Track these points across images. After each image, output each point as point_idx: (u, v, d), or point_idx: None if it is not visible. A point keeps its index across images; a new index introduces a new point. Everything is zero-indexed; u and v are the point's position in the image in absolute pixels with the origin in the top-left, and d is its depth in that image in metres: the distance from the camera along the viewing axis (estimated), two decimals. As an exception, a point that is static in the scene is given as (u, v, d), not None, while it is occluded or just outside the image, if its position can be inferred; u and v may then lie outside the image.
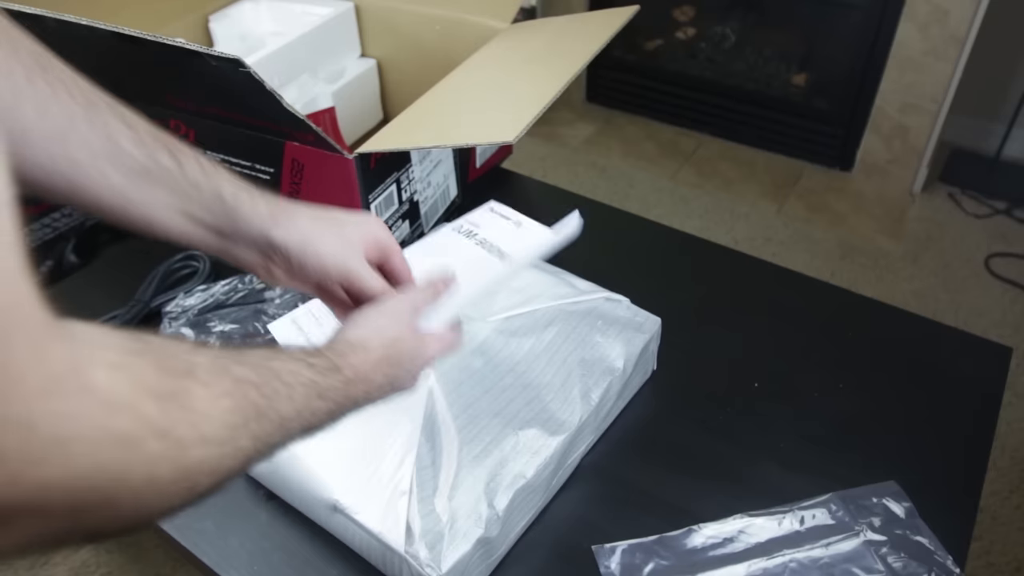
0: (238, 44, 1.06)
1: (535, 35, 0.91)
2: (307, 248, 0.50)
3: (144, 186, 0.46)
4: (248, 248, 0.50)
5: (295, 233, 0.50)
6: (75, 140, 0.44)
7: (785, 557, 0.61)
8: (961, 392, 0.76)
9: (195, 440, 0.31)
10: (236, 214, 0.49)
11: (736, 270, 0.91)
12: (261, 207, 0.50)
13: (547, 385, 0.68)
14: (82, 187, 0.45)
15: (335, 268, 0.51)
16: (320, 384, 0.41)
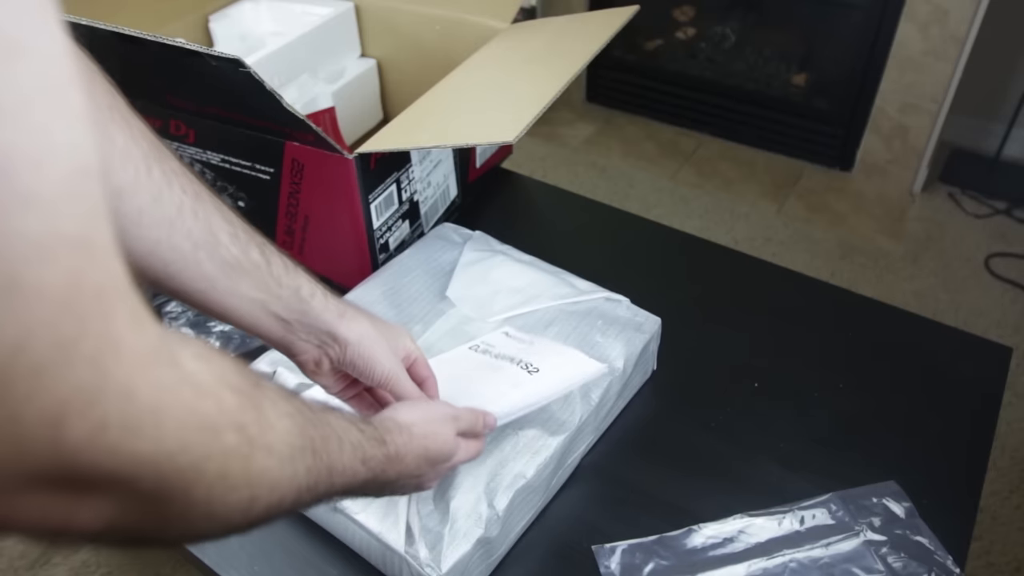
0: (238, 44, 1.06)
1: (535, 35, 0.91)
2: (363, 348, 0.55)
3: (233, 277, 0.50)
4: (308, 339, 0.55)
5: (356, 332, 0.55)
6: (181, 229, 0.47)
7: (785, 557, 0.61)
8: (961, 392, 0.76)
9: (263, 445, 0.32)
10: (308, 307, 0.53)
11: (736, 270, 0.91)
12: (331, 304, 0.55)
13: (547, 385, 0.68)
14: (176, 272, 0.48)
15: (382, 369, 0.56)
16: (366, 450, 0.43)
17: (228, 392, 0.30)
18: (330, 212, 0.80)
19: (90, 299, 0.23)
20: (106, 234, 0.24)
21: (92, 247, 0.23)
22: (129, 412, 0.25)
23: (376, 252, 0.83)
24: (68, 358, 0.23)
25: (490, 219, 0.94)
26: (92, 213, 0.23)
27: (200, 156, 0.83)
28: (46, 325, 0.22)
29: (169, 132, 0.82)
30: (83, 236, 0.23)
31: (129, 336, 0.25)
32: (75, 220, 0.23)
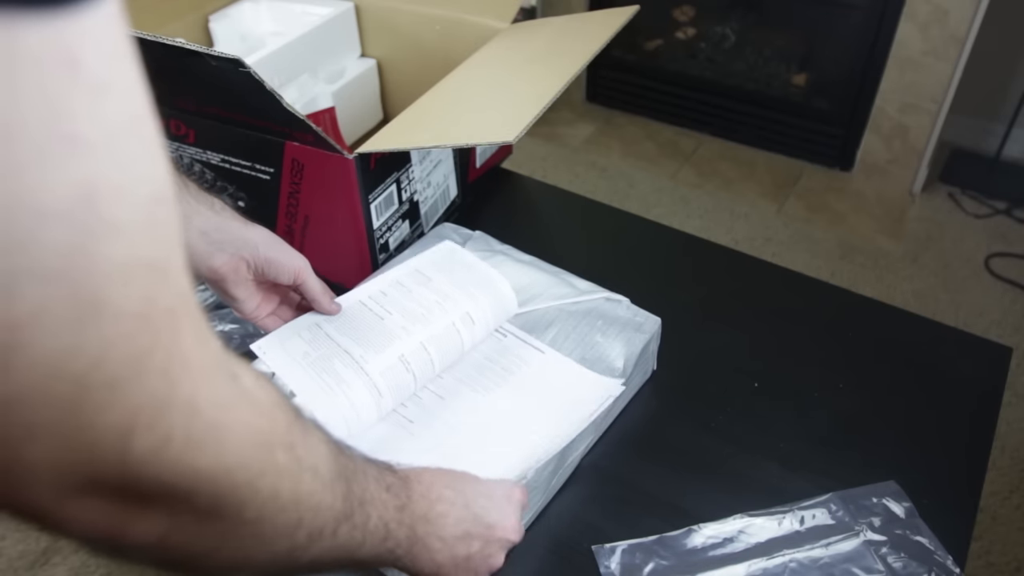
0: (238, 44, 1.06)
1: (535, 35, 0.91)
2: (271, 246, 0.63)
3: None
4: (224, 248, 0.61)
5: (263, 234, 0.63)
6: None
7: (785, 557, 0.61)
8: (961, 392, 0.76)
9: (309, 466, 0.33)
10: (222, 218, 0.61)
11: (736, 270, 0.91)
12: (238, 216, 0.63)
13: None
14: None
15: (293, 263, 0.64)
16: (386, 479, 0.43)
17: (280, 412, 0.32)
18: (330, 212, 0.80)
19: (162, 317, 0.25)
20: (178, 257, 0.26)
21: (166, 269, 0.25)
22: (193, 426, 0.26)
23: (376, 252, 0.83)
24: (140, 371, 0.24)
25: (490, 219, 0.94)
26: (167, 238, 0.25)
27: (200, 156, 0.83)
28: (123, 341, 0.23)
29: (169, 132, 0.82)
30: (159, 259, 0.25)
31: (195, 352, 0.26)
32: (152, 245, 0.24)
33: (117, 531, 0.27)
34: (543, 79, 0.75)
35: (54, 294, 0.21)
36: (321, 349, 0.65)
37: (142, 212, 0.24)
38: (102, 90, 0.22)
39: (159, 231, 0.25)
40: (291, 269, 0.64)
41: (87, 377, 0.23)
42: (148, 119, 0.24)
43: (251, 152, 0.79)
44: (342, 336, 0.67)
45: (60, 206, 0.21)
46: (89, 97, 0.21)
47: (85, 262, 0.22)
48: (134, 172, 0.23)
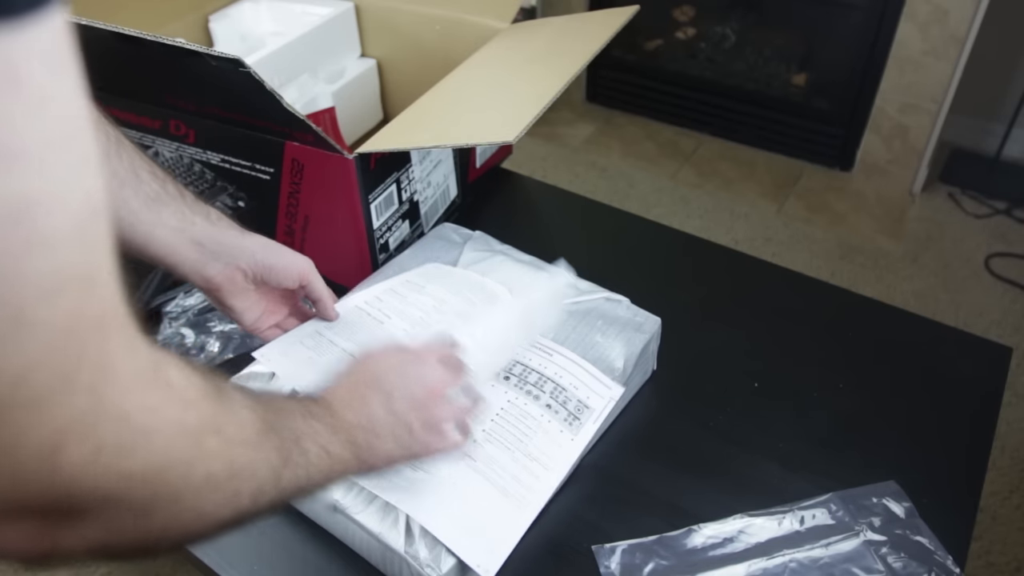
0: (238, 44, 1.06)
1: (535, 35, 0.91)
2: (270, 251, 0.63)
3: (155, 209, 0.57)
4: (219, 258, 0.61)
5: (260, 241, 0.63)
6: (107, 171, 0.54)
7: (785, 557, 0.61)
8: (961, 392, 0.76)
9: (239, 441, 0.34)
10: (217, 228, 0.61)
11: (736, 270, 0.91)
12: (235, 225, 0.63)
13: (547, 385, 0.68)
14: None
15: (297, 266, 0.64)
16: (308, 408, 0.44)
17: (206, 401, 0.32)
18: (330, 212, 0.80)
19: (89, 329, 0.24)
20: (108, 267, 0.25)
21: (94, 281, 0.25)
22: (123, 434, 0.26)
23: (376, 252, 0.83)
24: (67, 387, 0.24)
25: (490, 219, 0.94)
26: (97, 249, 0.25)
27: (200, 156, 0.83)
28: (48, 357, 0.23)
29: (169, 132, 0.82)
30: (88, 272, 0.24)
31: (123, 361, 0.26)
32: (82, 258, 0.24)
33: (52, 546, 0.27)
34: (543, 79, 0.75)
35: None
36: (325, 355, 0.66)
37: (75, 224, 0.23)
38: (43, 104, 0.22)
39: (89, 243, 0.24)
40: (294, 272, 0.64)
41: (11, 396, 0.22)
42: (86, 131, 0.24)
43: (251, 152, 0.79)
44: (345, 341, 0.67)
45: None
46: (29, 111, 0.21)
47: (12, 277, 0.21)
48: (68, 185, 0.23)
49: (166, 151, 0.84)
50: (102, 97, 0.87)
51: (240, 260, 0.61)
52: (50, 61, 0.22)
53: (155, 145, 0.85)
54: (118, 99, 0.82)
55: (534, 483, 0.61)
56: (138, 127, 0.84)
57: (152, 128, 0.83)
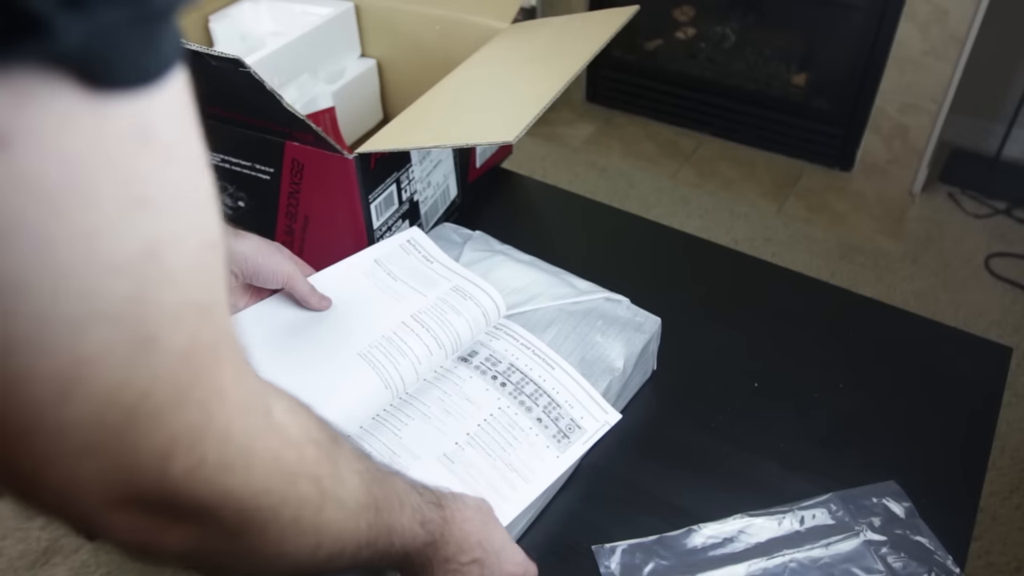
0: (238, 44, 1.06)
1: (535, 35, 0.91)
2: (261, 256, 0.65)
3: None
4: None
5: (251, 245, 0.65)
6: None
7: (785, 557, 0.61)
8: (961, 392, 0.76)
9: (333, 498, 0.35)
10: None
11: (736, 270, 0.91)
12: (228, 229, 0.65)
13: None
14: None
15: (283, 270, 0.66)
16: (424, 514, 0.45)
17: (310, 446, 0.34)
18: (330, 212, 0.80)
19: (205, 354, 0.27)
20: (223, 297, 0.29)
21: (211, 310, 0.28)
22: (225, 452, 0.29)
23: (376, 252, 0.83)
24: (182, 403, 0.27)
25: (490, 219, 0.94)
26: (214, 280, 0.28)
27: (200, 156, 0.83)
28: (169, 376, 0.26)
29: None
30: (206, 301, 0.27)
31: (232, 386, 0.29)
32: (201, 288, 0.27)
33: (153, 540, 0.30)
34: (543, 79, 0.75)
35: (115, 336, 0.24)
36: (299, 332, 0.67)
37: (194, 259, 0.26)
38: (169, 157, 0.25)
39: (207, 275, 0.27)
40: (279, 277, 0.67)
41: (135, 407, 0.25)
42: (205, 175, 0.27)
43: (251, 152, 0.79)
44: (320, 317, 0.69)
45: (127, 261, 0.24)
46: (158, 164, 0.24)
47: (144, 307, 0.25)
48: (190, 225, 0.26)
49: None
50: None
51: (231, 264, 0.65)
52: (175, 119, 0.25)
53: (155, 145, 0.85)
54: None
55: (510, 494, 0.60)
56: (138, 127, 0.84)
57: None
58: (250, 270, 0.65)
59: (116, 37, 0.22)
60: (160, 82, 0.24)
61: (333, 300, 0.70)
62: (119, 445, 0.26)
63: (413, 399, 0.65)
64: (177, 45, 0.24)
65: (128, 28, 0.22)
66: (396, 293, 0.72)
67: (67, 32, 0.20)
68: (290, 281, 0.67)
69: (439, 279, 0.74)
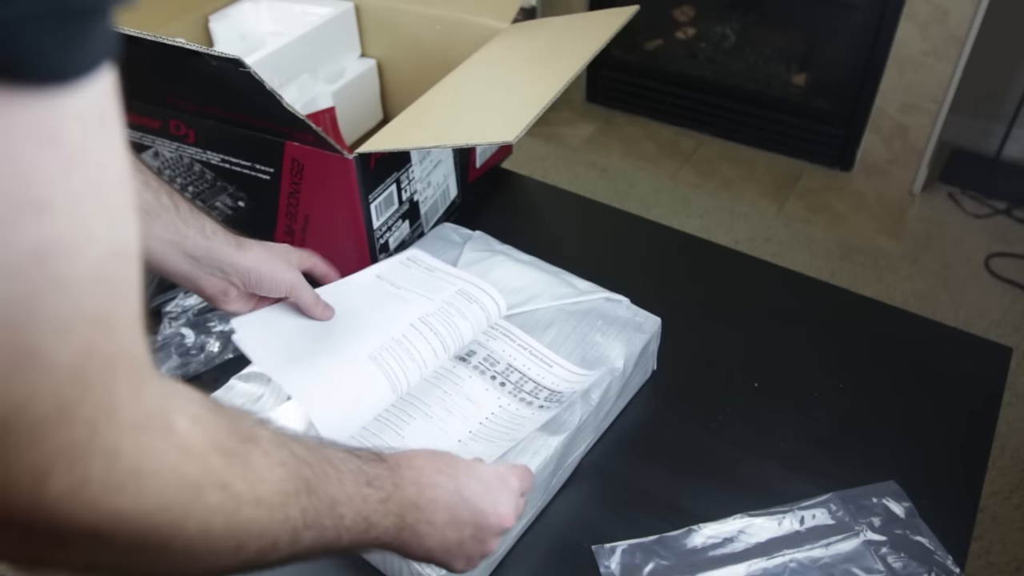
0: (238, 44, 1.06)
1: (535, 35, 0.91)
2: (263, 270, 0.65)
3: (147, 220, 0.57)
4: (213, 273, 0.63)
5: (254, 258, 0.65)
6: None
7: (785, 557, 0.61)
8: (961, 392, 0.76)
9: (249, 499, 0.34)
10: (212, 243, 0.62)
11: (736, 270, 0.91)
12: (231, 239, 0.64)
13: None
14: None
15: (285, 282, 0.66)
16: (367, 472, 0.43)
17: (215, 454, 0.32)
18: (330, 212, 0.80)
19: (98, 370, 0.26)
20: (130, 310, 0.27)
21: (112, 324, 0.26)
22: (113, 472, 0.27)
23: (376, 252, 0.82)
24: (64, 419, 0.25)
25: (490, 219, 0.94)
26: (119, 293, 0.26)
27: (200, 156, 0.83)
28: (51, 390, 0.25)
29: (169, 132, 0.82)
30: (104, 315, 0.26)
31: (126, 403, 0.27)
32: (100, 301, 0.25)
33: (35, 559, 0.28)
34: (543, 79, 0.75)
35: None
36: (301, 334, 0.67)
37: (95, 269, 0.25)
38: (74, 161, 0.23)
39: (109, 287, 0.26)
40: (283, 288, 0.67)
41: (8, 421, 0.24)
42: (120, 184, 0.26)
43: (251, 152, 0.80)
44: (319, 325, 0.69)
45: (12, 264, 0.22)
46: (61, 167, 0.23)
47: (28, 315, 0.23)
48: (94, 233, 0.25)
49: (166, 151, 0.84)
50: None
51: (233, 276, 0.64)
52: (90, 121, 0.24)
53: (155, 145, 0.85)
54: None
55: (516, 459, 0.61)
56: (138, 127, 0.84)
57: (152, 128, 0.83)
58: (252, 282, 0.65)
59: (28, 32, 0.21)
60: (77, 83, 0.23)
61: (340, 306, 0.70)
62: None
63: (414, 399, 0.65)
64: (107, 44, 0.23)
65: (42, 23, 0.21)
66: (402, 299, 0.72)
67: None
68: (294, 292, 0.67)
69: (443, 284, 0.74)
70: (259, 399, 0.66)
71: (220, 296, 0.65)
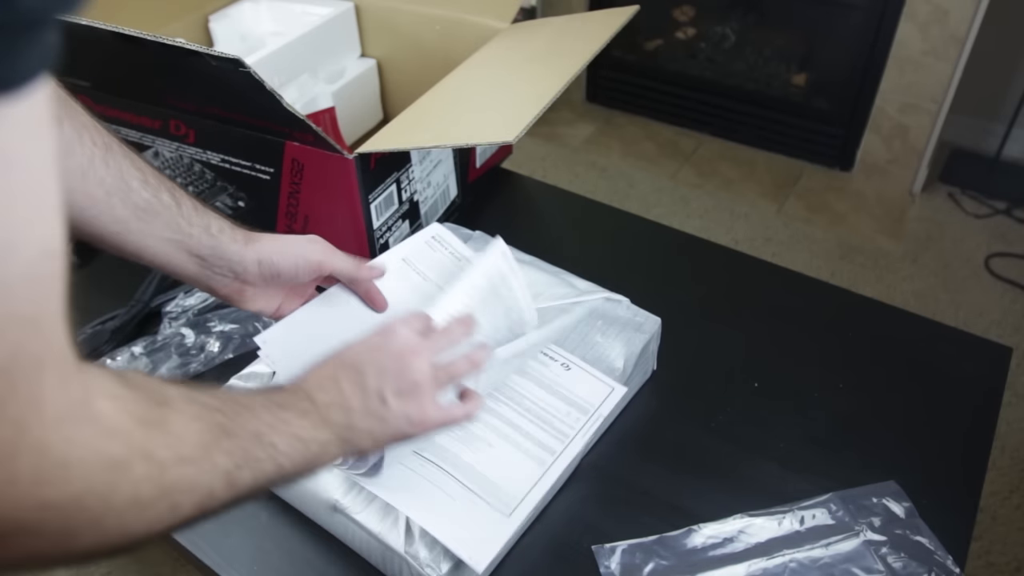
0: (238, 44, 1.06)
1: (535, 35, 0.91)
2: (276, 255, 0.61)
3: (146, 219, 0.55)
4: (222, 272, 0.60)
5: (265, 249, 0.60)
6: (93, 178, 0.52)
7: (785, 557, 0.61)
8: (961, 392, 0.76)
9: (173, 460, 0.34)
10: (218, 241, 0.59)
11: (736, 270, 0.91)
12: (239, 235, 0.60)
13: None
14: (92, 218, 0.53)
15: (310, 260, 0.61)
16: (275, 399, 0.44)
17: (136, 426, 0.33)
18: (330, 212, 0.80)
19: (25, 368, 0.26)
20: (55, 308, 0.27)
21: (39, 322, 0.26)
22: (41, 466, 0.27)
23: (376, 252, 0.83)
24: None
25: (490, 219, 0.94)
26: (47, 292, 0.27)
27: (200, 156, 0.83)
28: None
29: (169, 132, 0.82)
30: (33, 314, 0.26)
31: (52, 397, 0.28)
32: (29, 301, 0.26)
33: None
34: (543, 79, 0.75)
35: None
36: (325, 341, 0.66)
37: (27, 269, 0.25)
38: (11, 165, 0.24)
39: (39, 287, 0.26)
40: (310, 267, 0.62)
41: None
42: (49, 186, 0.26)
43: (251, 152, 0.80)
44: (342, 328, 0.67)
45: None
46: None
47: None
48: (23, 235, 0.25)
49: (166, 151, 0.84)
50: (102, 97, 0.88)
51: (244, 275, 0.60)
52: (22, 129, 0.24)
53: (155, 145, 0.85)
54: (118, 99, 0.82)
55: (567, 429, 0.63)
56: (138, 127, 0.84)
57: (152, 128, 0.83)
58: (266, 273, 0.61)
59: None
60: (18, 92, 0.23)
61: None
62: None
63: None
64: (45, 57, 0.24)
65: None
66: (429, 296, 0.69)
67: None
68: (323, 266, 0.62)
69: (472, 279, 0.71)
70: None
71: (236, 296, 0.62)
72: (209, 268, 0.59)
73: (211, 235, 0.58)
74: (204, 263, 0.59)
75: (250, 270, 0.60)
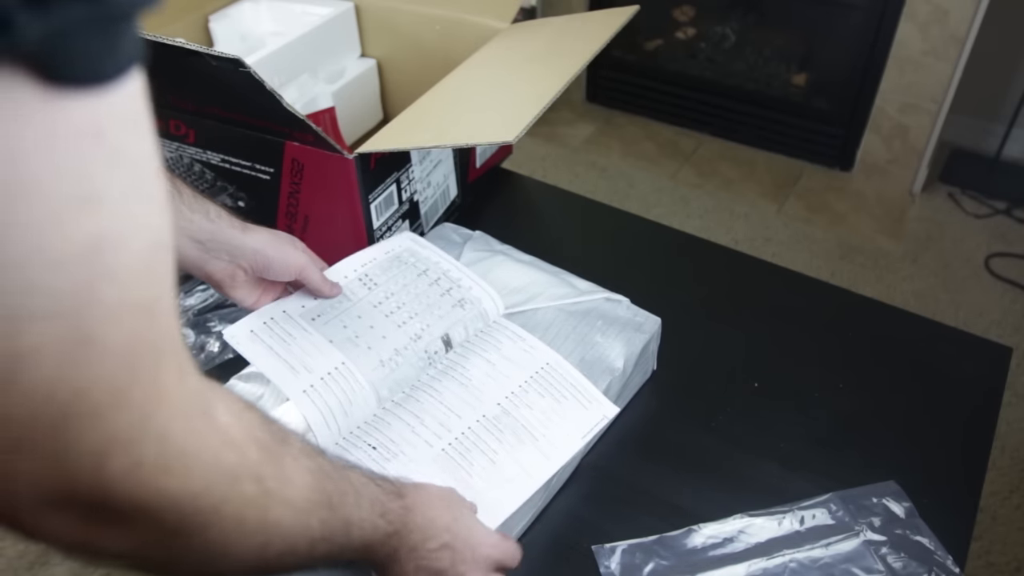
0: (238, 44, 1.06)
1: (535, 35, 0.91)
2: (270, 249, 0.64)
3: None
4: (220, 256, 0.63)
5: (261, 239, 0.64)
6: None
7: (785, 557, 0.61)
8: (961, 392, 0.76)
9: (279, 498, 0.35)
10: (217, 227, 0.62)
11: (736, 270, 0.91)
12: (236, 222, 0.63)
13: (547, 385, 0.67)
14: None
15: (295, 262, 0.66)
16: (384, 503, 0.45)
17: (253, 447, 0.34)
18: (330, 212, 0.80)
19: (145, 355, 0.27)
20: (168, 298, 0.28)
21: (154, 310, 0.28)
22: (163, 453, 0.29)
23: (376, 252, 0.82)
24: (119, 403, 0.27)
25: (490, 219, 0.94)
26: (160, 281, 0.28)
27: (200, 156, 0.83)
28: (107, 375, 0.26)
29: (169, 132, 0.82)
30: (149, 301, 0.27)
31: (173, 387, 0.29)
32: (145, 288, 0.27)
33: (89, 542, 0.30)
34: (543, 79, 0.75)
35: (53, 332, 0.24)
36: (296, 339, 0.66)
37: (140, 259, 0.26)
38: (119, 156, 0.25)
39: (153, 275, 0.27)
40: (292, 269, 0.66)
41: (71, 405, 0.25)
42: (156, 178, 0.27)
43: (251, 152, 0.80)
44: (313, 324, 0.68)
45: (70, 257, 0.24)
46: (107, 163, 0.24)
47: (84, 305, 0.25)
48: (137, 226, 0.26)
49: (166, 151, 0.84)
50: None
51: (240, 259, 0.64)
52: (127, 119, 0.25)
53: (155, 145, 0.85)
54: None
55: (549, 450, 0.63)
56: (138, 127, 0.84)
57: (152, 128, 0.83)
58: (260, 264, 0.65)
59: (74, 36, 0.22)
60: (116, 83, 0.24)
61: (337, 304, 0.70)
62: (53, 444, 0.26)
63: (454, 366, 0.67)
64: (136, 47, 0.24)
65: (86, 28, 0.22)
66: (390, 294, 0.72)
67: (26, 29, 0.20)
68: (303, 272, 0.67)
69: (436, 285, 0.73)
70: (259, 399, 0.66)
71: (228, 280, 0.64)
72: (207, 252, 0.62)
73: (210, 220, 0.61)
74: (203, 247, 0.62)
75: (247, 256, 0.64)
